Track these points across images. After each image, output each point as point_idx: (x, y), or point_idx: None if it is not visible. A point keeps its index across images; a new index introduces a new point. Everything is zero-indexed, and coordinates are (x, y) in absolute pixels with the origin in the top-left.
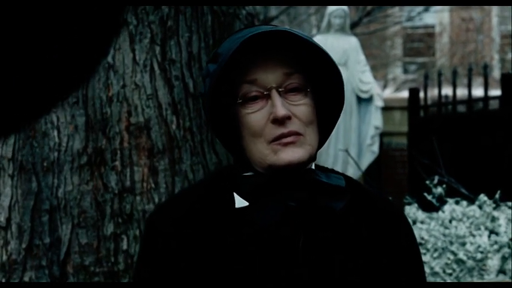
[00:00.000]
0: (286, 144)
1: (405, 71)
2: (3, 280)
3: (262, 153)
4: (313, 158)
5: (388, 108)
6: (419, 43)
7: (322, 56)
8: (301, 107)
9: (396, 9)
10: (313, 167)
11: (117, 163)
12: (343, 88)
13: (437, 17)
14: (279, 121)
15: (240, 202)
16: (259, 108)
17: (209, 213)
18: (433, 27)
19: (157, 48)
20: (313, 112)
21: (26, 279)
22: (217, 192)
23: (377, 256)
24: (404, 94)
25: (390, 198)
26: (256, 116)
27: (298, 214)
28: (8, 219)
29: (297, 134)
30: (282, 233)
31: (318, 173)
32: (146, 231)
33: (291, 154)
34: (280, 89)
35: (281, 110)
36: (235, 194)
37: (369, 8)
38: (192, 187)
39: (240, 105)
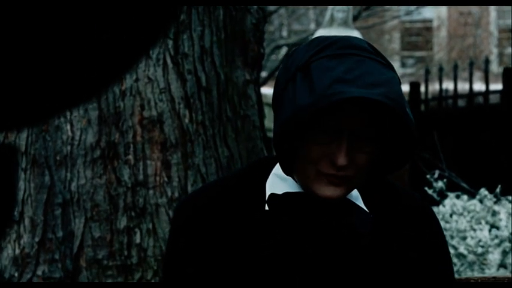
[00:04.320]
0: (332, 182)
1: (403, 65)
2: (16, 274)
3: (307, 175)
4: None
5: None
6: (417, 37)
7: (404, 122)
8: (364, 156)
9: None
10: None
11: (130, 157)
12: (411, 155)
13: (435, 11)
14: (336, 166)
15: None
16: (324, 142)
17: (239, 211)
18: (431, 21)
19: (170, 42)
20: (373, 158)
21: (39, 273)
22: (250, 188)
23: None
24: (405, 88)
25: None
26: (319, 148)
27: (322, 234)
28: (21, 213)
29: (348, 177)
30: (305, 249)
31: (349, 206)
32: (174, 221)
33: (332, 192)
34: (351, 135)
35: (342, 160)
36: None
37: None
38: (225, 179)
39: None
